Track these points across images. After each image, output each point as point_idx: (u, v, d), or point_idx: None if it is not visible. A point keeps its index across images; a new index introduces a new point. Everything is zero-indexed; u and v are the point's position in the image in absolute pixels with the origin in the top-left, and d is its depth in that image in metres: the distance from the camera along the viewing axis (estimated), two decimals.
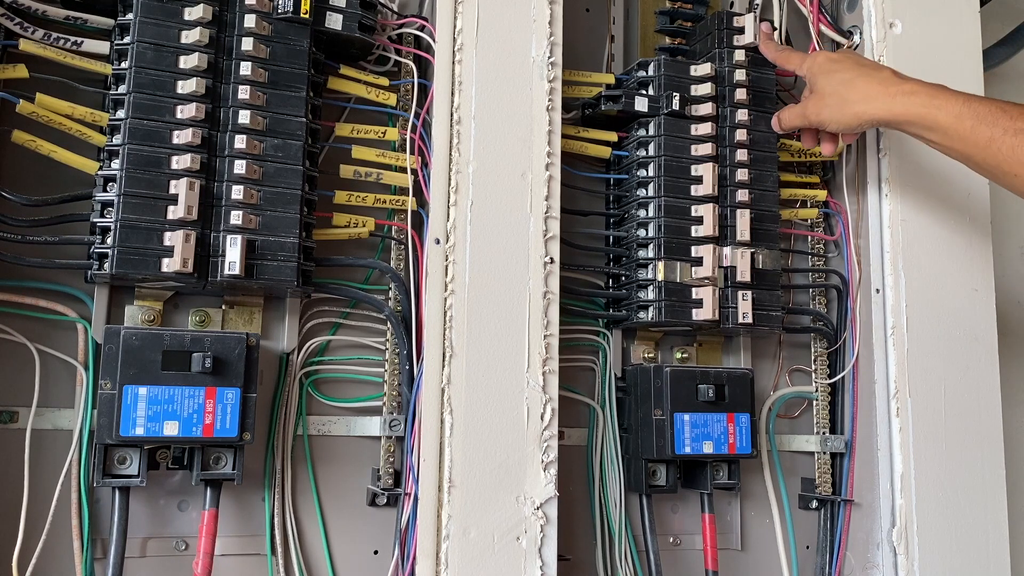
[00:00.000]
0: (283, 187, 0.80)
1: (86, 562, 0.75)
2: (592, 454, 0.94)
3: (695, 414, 0.91)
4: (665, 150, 0.94)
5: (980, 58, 1.06)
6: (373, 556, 0.87)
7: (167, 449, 0.78)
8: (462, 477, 0.77)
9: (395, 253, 0.89)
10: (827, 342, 1.04)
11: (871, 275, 1.00)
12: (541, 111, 0.85)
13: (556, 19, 0.87)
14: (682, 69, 0.96)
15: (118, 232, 0.74)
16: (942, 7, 1.05)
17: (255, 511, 0.84)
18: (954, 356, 0.98)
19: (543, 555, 0.79)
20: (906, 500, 0.94)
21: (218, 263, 0.76)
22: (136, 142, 0.75)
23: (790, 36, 1.07)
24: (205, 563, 0.74)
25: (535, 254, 0.83)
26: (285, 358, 0.85)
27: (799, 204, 1.06)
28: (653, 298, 0.92)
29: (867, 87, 0.86)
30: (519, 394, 0.80)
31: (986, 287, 1.01)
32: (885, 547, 0.95)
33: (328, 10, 0.83)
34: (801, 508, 1.04)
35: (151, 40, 0.77)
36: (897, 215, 0.99)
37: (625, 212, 0.97)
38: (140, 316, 0.80)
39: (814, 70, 0.91)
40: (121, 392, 0.72)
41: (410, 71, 0.89)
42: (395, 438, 0.86)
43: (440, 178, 0.82)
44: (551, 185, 0.85)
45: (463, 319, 0.80)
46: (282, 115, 0.80)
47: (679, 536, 0.99)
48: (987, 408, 0.99)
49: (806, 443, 1.04)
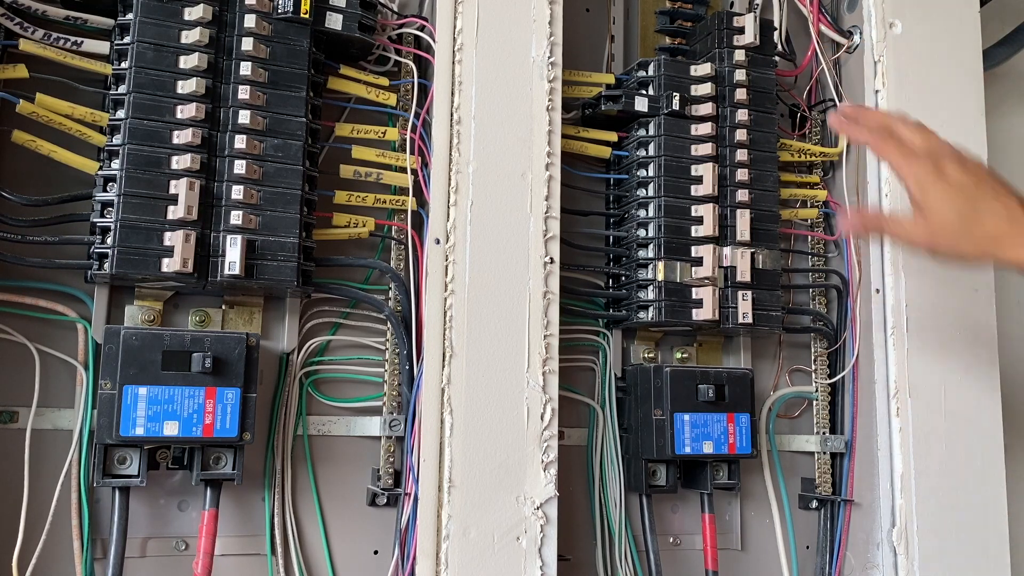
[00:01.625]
0: (283, 187, 0.80)
1: (86, 562, 0.75)
2: (592, 454, 0.94)
3: (695, 414, 0.91)
4: (665, 150, 0.94)
5: (980, 58, 1.06)
6: (373, 556, 0.87)
7: (167, 449, 0.78)
8: (462, 477, 0.77)
9: (395, 253, 0.89)
10: (827, 342, 1.04)
11: (871, 275, 1.00)
12: (541, 111, 0.85)
13: (556, 19, 0.87)
14: (682, 69, 0.96)
15: (118, 232, 0.74)
16: (942, 7, 1.05)
17: (255, 511, 0.84)
18: (954, 356, 0.98)
19: (543, 555, 0.79)
20: (906, 500, 0.94)
21: (218, 263, 0.76)
22: (136, 142, 0.75)
23: (790, 36, 1.07)
24: (205, 563, 0.74)
25: (535, 254, 0.83)
26: (285, 358, 0.85)
27: (799, 204, 1.06)
28: (653, 298, 0.92)
29: (994, 222, 0.71)
30: (519, 394, 0.80)
31: (986, 287, 1.01)
32: (885, 547, 0.95)
33: (328, 10, 0.83)
34: (801, 508, 1.04)
35: (151, 40, 0.77)
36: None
37: (625, 212, 0.97)
38: (140, 316, 0.80)
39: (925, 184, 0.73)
40: (121, 392, 0.72)
41: (410, 71, 0.89)
42: (395, 438, 0.86)
43: (440, 178, 0.82)
44: (551, 185, 0.85)
45: (463, 319, 0.80)
46: (282, 115, 0.80)
47: (679, 536, 0.99)
48: (987, 408, 0.99)
49: (806, 443, 1.04)
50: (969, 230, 0.71)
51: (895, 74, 1.01)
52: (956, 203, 0.71)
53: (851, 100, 1.05)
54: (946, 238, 0.72)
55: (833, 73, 1.05)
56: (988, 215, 0.71)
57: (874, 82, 1.02)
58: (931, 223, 0.72)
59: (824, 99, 1.08)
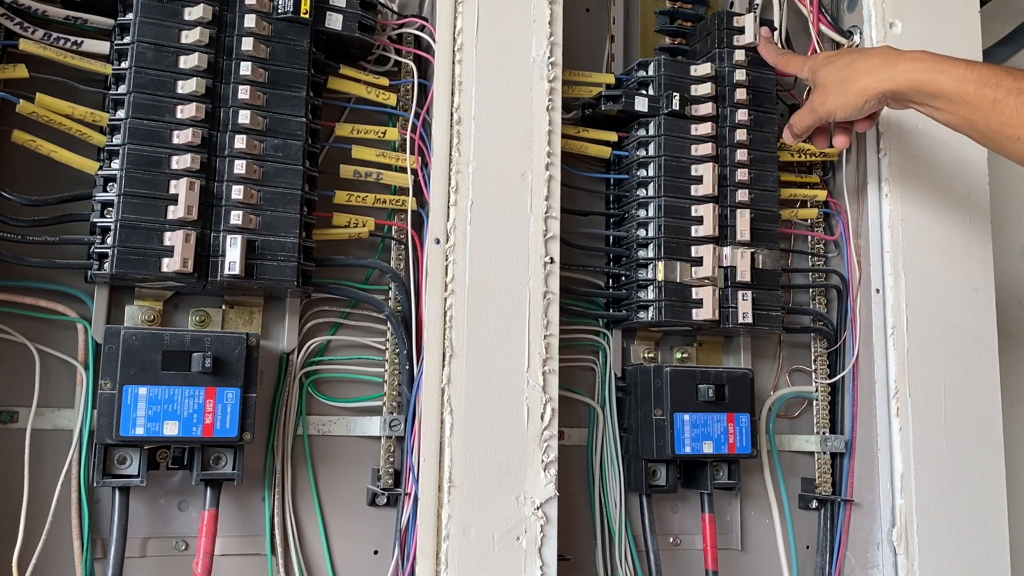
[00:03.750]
0: (283, 187, 0.80)
1: (86, 562, 0.75)
2: (592, 454, 0.94)
3: (695, 414, 0.91)
4: (665, 150, 0.94)
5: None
6: (373, 556, 0.87)
7: (167, 449, 0.78)
8: (462, 477, 0.77)
9: (395, 253, 0.89)
10: (827, 342, 1.04)
11: (871, 275, 1.00)
12: (541, 111, 0.85)
13: (556, 19, 0.87)
14: (682, 69, 0.96)
15: (118, 232, 0.74)
16: (942, 7, 1.05)
17: (255, 511, 0.84)
18: (954, 356, 0.98)
19: (543, 555, 0.79)
20: (906, 500, 0.94)
21: (218, 263, 0.76)
22: (136, 142, 0.75)
23: (790, 36, 1.07)
24: (205, 563, 0.74)
25: (535, 254, 0.83)
26: (285, 358, 0.85)
27: (799, 204, 1.06)
28: (653, 298, 0.92)
29: (868, 63, 0.85)
30: (519, 394, 0.80)
31: (986, 287, 1.01)
32: (885, 547, 0.95)
33: (328, 10, 0.83)
34: (801, 508, 1.04)
35: (151, 40, 0.77)
36: (897, 215, 0.99)
37: (625, 212, 0.97)
38: (140, 316, 0.80)
39: (815, 67, 0.90)
40: (121, 392, 0.72)
41: (410, 71, 0.89)
42: (395, 438, 0.86)
43: (440, 178, 0.82)
44: (551, 185, 0.85)
45: (463, 319, 0.80)
46: (282, 115, 0.80)
47: (679, 536, 0.99)
48: (987, 408, 0.99)
49: (806, 443, 1.04)
50: (849, 76, 0.86)
51: None
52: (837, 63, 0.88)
53: None
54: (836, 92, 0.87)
55: None
56: (862, 59, 0.86)
57: None
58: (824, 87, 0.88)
59: None
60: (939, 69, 0.80)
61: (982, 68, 0.79)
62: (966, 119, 0.80)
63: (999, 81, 0.77)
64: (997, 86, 0.77)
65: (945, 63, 0.80)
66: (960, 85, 0.78)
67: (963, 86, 0.78)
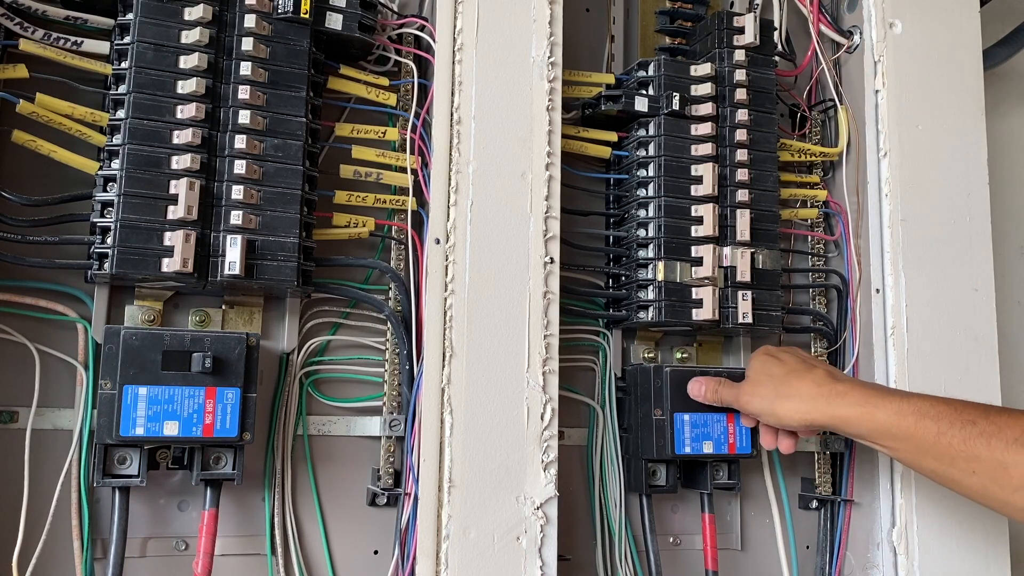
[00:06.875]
0: (283, 187, 0.80)
1: (86, 562, 0.75)
2: (592, 454, 0.94)
3: (695, 414, 0.91)
4: (665, 150, 0.94)
5: (980, 58, 1.06)
6: (373, 556, 0.87)
7: (167, 449, 0.78)
8: (462, 477, 0.77)
9: (395, 253, 0.89)
10: (827, 342, 1.04)
11: (871, 275, 1.00)
12: (541, 111, 0.85)
13: (556, 19, 0.87)
14: (682, 69, 0.96)
15: (118, 232, 0.74)
16: (942, 7, 1.05)
17: (255, 511, 0.84)
18: (954, 356, 0.98)
19: (543, 555, 0.79)
20: (906, 500, 0.94)
21: (218, 263, 0.76)
22: (136, 142, 0.75)
23: (790, 36, 1.07)
24: (205, 563, 0.74)
25: (535, 254, 0.83)
26: (285, 358, 0.85)
27: (799, 204, 1.06)
28: (653, 298, 0.92)
29: (800, 386, 0.81)
30: (519, 394, 0.80)
31: (986, 287, 1.01)
32: (885, 547, 0.95)
33: (328, 10, 0.83)
34: (801, 508, 1.04)
35: (151, 40, 0.77)
36: (897, 215, 0.99)
37: (625, 212, 0.97)
38: (140, 316, 0.80)
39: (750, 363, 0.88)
40: (121, 392, 0.72)
41: (410, 71, 0.89)
42: (395, 438, 0.86)
43: (440, 178, 0.82)
44: (551, 185, 0.85)
45: (463, 319, 0.80)
46: (282, 115, 0.80)
47: (679, 536, 0.99)
48: None
49: (806, 443, 1.03)
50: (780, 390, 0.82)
51: (895, 74, 1.01)
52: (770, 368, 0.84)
53: (851, 100, 1.04)
54: (764, 398, 0.83)
55: (833, 73, 1.05)
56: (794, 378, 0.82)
57: (874, 82, 1.02)
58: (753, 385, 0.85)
59: (824, 99, 1.08)
60: (873, 403, 0.76)
61: (919, 399, 0.75)
62: (914, 456, 0.75)
63: (939, 413, 0.72)
64: (938, 418, 0.72)
65: (879, 395, 0.77)
66: (898, 418, 0.74)
67: (901, 419, 0.74)
